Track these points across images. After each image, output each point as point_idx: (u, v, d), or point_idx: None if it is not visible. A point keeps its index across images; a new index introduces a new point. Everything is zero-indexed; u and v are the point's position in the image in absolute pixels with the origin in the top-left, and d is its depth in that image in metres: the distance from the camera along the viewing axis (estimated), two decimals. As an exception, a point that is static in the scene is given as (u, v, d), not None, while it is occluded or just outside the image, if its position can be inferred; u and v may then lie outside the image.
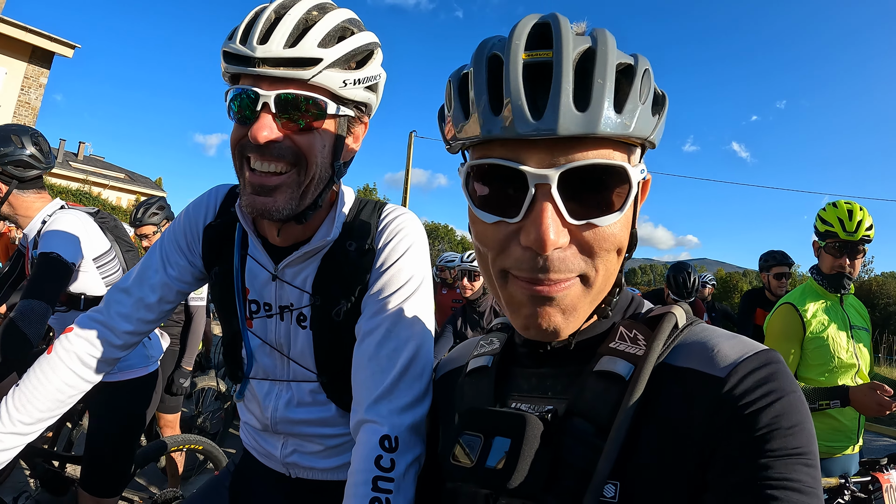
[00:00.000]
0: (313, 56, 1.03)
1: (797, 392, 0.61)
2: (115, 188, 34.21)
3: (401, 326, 1.13)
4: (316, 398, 1.27)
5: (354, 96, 1.11)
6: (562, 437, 0.66)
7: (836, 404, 2.32)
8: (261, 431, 1.36)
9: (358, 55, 1.11)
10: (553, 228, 0.61)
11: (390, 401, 1.07)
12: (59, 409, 1.29)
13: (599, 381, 0.68)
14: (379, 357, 1.11)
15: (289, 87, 1.04)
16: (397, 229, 1.22)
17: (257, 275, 1.26)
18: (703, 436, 0.61)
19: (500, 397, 0.80)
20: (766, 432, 0.58)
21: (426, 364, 1.12)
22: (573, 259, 0.65)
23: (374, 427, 1.05)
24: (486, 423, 0.70)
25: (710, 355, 0.66)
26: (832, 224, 2.56)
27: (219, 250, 1.30)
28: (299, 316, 1.23)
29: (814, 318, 2.57)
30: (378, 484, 0.99)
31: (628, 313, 0.78)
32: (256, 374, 1.32)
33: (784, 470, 0.56)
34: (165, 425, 3.86)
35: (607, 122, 0.60)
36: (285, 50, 1.01)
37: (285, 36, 1.02)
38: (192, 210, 1.36)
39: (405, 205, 19.60)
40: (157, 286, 1.34)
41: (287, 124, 1.05)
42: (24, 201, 2.35)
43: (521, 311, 0.68)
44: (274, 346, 1.27)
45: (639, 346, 0.69)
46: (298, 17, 1.04)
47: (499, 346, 0.85)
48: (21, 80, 15.75)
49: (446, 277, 6.18)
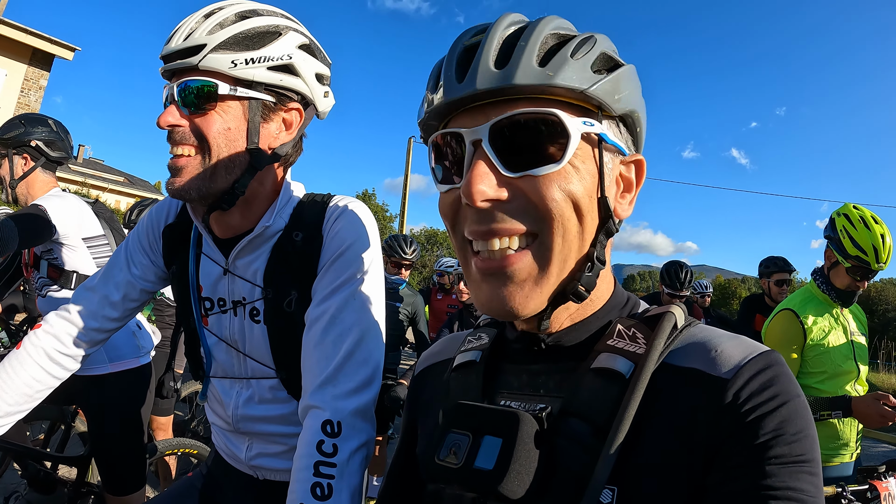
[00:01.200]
0: (199, 43, 1.09)
1: (801, 396, 0.59)
2: (114, 191, 34.15)
3: (346, 312, 1.13)
4: (276, 395, 1.27)
5: (254, 76, 1.13)
6: (556, 438, 0.62)
7: (837, 415, 2.28)
8: (226, 432, 1.36)
9: (254, 36, 1.13)
10: (484, 180, 0.63)
11: (334, 386, 1.07)
12: (28, 403, 1.32)
13: (597, 378, 0.65)
14: (324, 343, 1.11)
15: (186, 75, 1.10)
16: (345, 217, 1.22)
17: (210, 271, 1.27)
18: (705, 439, 0.58)
19: (489, 394, 0.76)
20: (769, 438, 0.56)
21: (372, 350, 1.13)
22: (516, 213, 0.64)
23: (317, 412, 1.06)
24: (476, 420, 0.65)
25: (713, 356, 0.63)
26: (866, 251, 2.39)
27: (176, 250, 1.34)
28: (252, 310, 1.24)
29: (815, 325, 2.52)
30: (320, 469, 0.99)
31: (625, 312, 0.75)
32: (216, 372, 1.33)
33: (787, 478, 0.54)
34: (158, 428, 3.83)
35: (525, 73, 0.62)
36: (181, 43, 1.09)
37: (184, 32, 1.09)
38: (154, 212, 1.40)
39: (404, 210, 19.71)
40: (121, 284, 1.38)
41: (189, 111, 1.11)
42: (40, 181, 2.50)
43: (479, 288, 0.68)
44: (229, 342, 1.28)
45: (638, 344, 0.66)
46: (200, 14, 1.11)
47: (488, 340, 0.82)
48: (21, 82, 15.75)
49: (444, 283, 6.19)
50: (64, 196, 2.45)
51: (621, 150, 0.70)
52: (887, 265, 2.41)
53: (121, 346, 2.49)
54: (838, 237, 2.48)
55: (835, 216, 2.55)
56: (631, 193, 0.72)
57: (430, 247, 51.35)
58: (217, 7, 1.13)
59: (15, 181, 2.45)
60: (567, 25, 0.69)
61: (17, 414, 1.30)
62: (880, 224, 2.42)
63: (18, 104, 15.56)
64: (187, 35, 1.09)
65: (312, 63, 1.21)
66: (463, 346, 0.85)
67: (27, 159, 2.46)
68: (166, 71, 1.13)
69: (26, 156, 2.46)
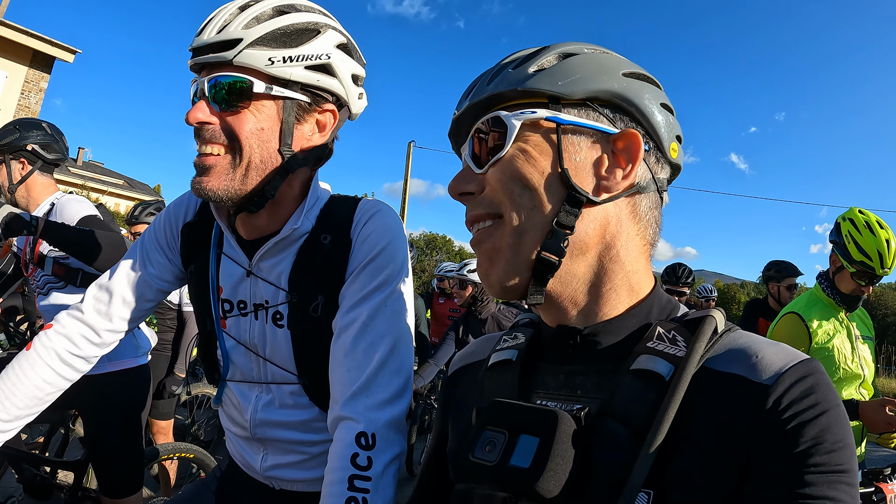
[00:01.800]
0: (235, 37, 1.04)
1: (841, 406, 0.58)
2: (114, 194, 34.19)
3: (378, 320, 1.10)
4: (297, 401, 1.23)
5: (290, 75, 1.08)
6: (593, 439, 0.61)
7: None
8: (241, 440, 1.32)
9: (293, 33, 1.08)
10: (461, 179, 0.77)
11: (367, 396, 1.04)
12: (38, 406, 1.27)
13: (636, 380, 0.64)
14: (355, 352, 1.08)
15: (218, 70, 1.06)
16: (375, 221, 1.18)
17: (232, 272, 1.23)
18: (744, 444, 0.58)
19: (524, 393, 0.75)
20: (809, 446, 0.55)
21: (404, 359, 1.10)
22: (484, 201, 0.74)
23: (350, 424, 1.02)
24: (512, 418, 0.64)
25: (754, 362, 0.62)
26: (871, 257, 2.38)
27: (196, 248, 1.29)
28: (275, 314, 1.20)
29: (819, 328, 2.50)
30: (354, 483, 0.96)
31: (664, 314, 0.74)
32: (233, 376, 1.29)
33: (825, 488, 0.53)
34: (158, 432, 3.81)
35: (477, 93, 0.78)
36: (215, 36, 1.04)
37: (217, 24, 1.05)
38: (172, 208, 1.35)
39: (404, 215, 19.65)
40: (136, 284, 1.33)
41: (220, 108, 1.07)
42: (39, 184, 2.52)
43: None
44: (248, 346, 1.24)
45: (678, 346, 0.65)
46: (235, 6, 1.07)
47: (524, 340, 0.81)
48: (21, 83, 15.73)
49: (445, 287, 6.20)
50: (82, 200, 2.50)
51: (598, 129, 0.72)
52: (892, 270, 2.39)
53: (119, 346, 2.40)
54: (843, 242, 2.47)
55: (840, 221, 2.54)
56: (625, 168, 0.72)
57: (429, 251, 51.36)
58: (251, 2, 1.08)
59: (14, 186, 2.46)
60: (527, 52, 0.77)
61: (27, 417, 1.26)
62: (886, 229, 2.41)
63: (19, 106, 15.54)
64: (221, 27, 1.04)
65: (349, 63, 1.17)
66: (498, 346, 0.84)
67: (24, 164, 2.48)
68: (196, 64, 1.08)
69: (23, 160, 2.47)
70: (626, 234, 0.73)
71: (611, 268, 0.72)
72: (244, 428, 1.28)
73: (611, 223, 0.72)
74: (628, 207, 0.73)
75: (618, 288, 0.72)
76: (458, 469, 0.66)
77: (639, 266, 0.74)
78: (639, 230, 0.74)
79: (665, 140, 0.75)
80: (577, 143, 0.72)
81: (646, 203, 0.75)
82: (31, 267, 2.53)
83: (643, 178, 0.73)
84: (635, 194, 0.74)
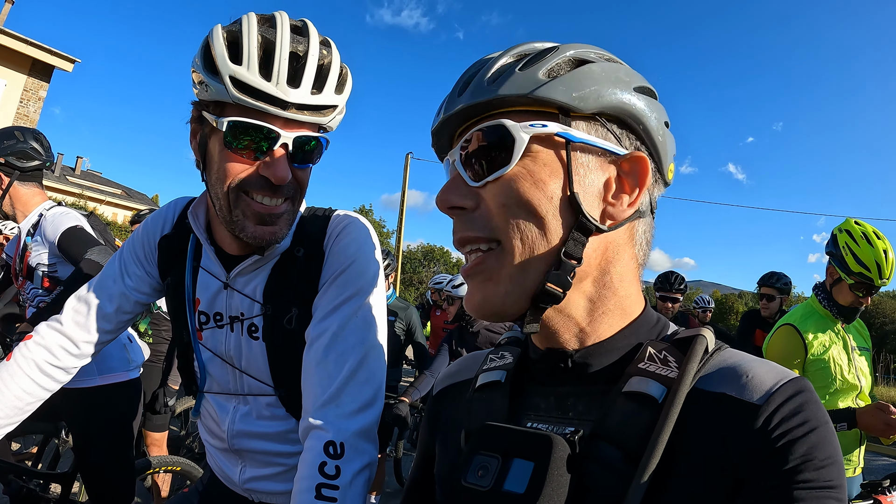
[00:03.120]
0: (333, 103, 1.09)
1: (829, 423, 0.59)
2: (112, 204, 34.15)
3: (349, 330, 1.10)
4: (274, 412, 1.24)
5: (336, 123, 1.16)
6: (586, 463, 0.61)
7: (842, 427, 2.28)
8: (220, 452, 1.33)
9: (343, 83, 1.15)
10: (451, 190, 0.70)
11: (337, 406, 1.04)
12: (18, 416, 1.28)
13: (629, 402, 0.63)
14: (326, 362, 1.08)
15: (305, 129, 1.07)
16: (347, 233, 1.19)
17: (209, 284, 1.24)
18: (736, 464, 0.58)
19: (515, 416, 0.74)
20: (799, 463, 0.55)
21: (375, 369, 1.10)
22: (479, 220, 0.68)
23: (319, 433, 1.03)
24: (505, 442, 0.64)
25: (745, 381, 0.62)
26: (869, 268, 2.37)
27: (173, 261, 1.30)
28: (251, 327, 1.21)
29: (815, 339, 2.50)
30: (322, 492, 0.97)
31: (654, 333, 0.73)
32: (211, 387, 1.30)
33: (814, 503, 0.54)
34: (153, 444, 3.78)
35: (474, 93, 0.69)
36: (313, 96, 1.05)
37: (311, 81, 1.05)
38: (150, 222, 1.36)
39: (401, 226, 19.75)
40: (114, 296, 1.34)
41: (294, 163, 1.09)
42: (23, 194, 2.46)
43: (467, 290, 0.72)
44: (225, 358, 1.25)
45: (670, 367, 0.65)
46: (316, 58, 1.06)
47: (512, 360, 0.79)
48: (20, 92, 15.78)
49: (437, 299, 6.20)
50: (70, 212, 2.45)
51: (607, 149, 0.68)
52: (890, 281, 2.39)
53: (111, 359, 2.45)
54: (841, 254, 2.46)
55: (836, 232, 2.53)
56: (631, 195, 0.69)
57: (427, 263, 51.28)
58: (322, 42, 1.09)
59: None
60: (540, 47, 0.70)
61: (8, 426, 1.27)
62: (882, 240, 2.41)
63: (17, 115, 15.57)
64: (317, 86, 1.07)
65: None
66: (485, 366, 0.83)
67: (1, 177, 2.43)
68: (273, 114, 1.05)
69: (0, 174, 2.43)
70: (623, 259, 0.71)
71: (605, 293, 0.71)
72: (222, 440, 1.29)
73: (608, 249, 0.70)
74: (627, 233, 0.72)
75: (610, 312, 0.71)
76: (450, 494, 0.65)
77: (631, 290, 0.73)
78: (633, 254, 0.73)
79: (665, 162, 0.73)
80: (586, 164, 0.68)
81: (643, 227, 0.74)
82: (21, 279, 2.52)
83: (645, 203, 0.71)
84: (636, 220, 0.72)
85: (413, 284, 46.83)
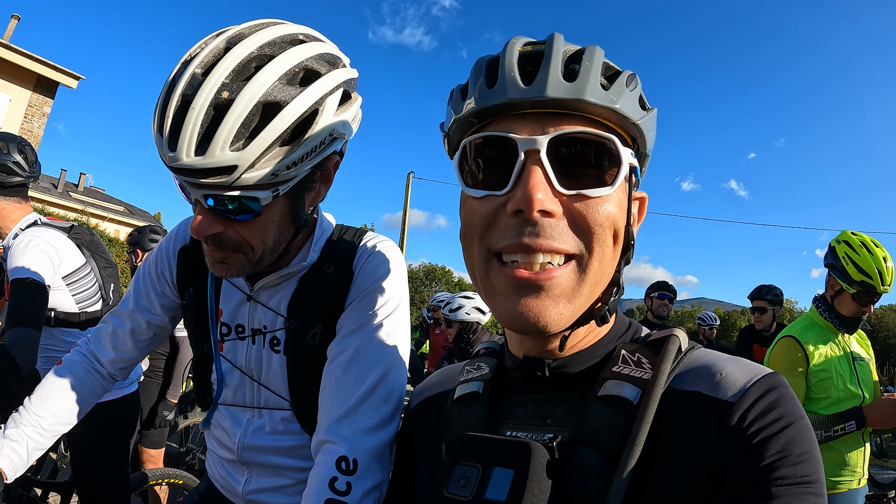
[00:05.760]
0: (224, 165, 0.89)
1: (805, 419, 0.59)
2: (114, 220, 34.21)
3: (371, 348, 1.09)
4: (288, 427, 1.22)
5: (298, 175, 1.00)
6: (566, 468, 0.61)
7: (851, 426, 2.27)
8: (225, 462, 1.31)
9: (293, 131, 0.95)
10: (541, 189, 0.61)
11: (353, 421, 1.02)
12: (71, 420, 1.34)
13: (605, 406, 0.64)
14: (345, 377, 1.07)
15: (214, 188, 0.94)
16: (377, 254, 1.19)
17: (231, 295, 1.24)
18: (712, 462, 0.58)
19: (494, 425, 0.74)
20: (775, 460, 0.56)
21: (395, 388, 1.08)
22: (565, 232, 0.63)
23: (331, 448, 1.00)
24: (485, 452, 0.64)
25: (718, 379, 0.63)
26: (871, 276, 2.39)
27: (194, 272, 1.29)
28: (272, 340, 1.20)
29: (816, 350, 2.50)
30: None
31: (628, 337, 0.75)
32: (226, 399, 1.28)
33: (792, 499, 0.54)
34: (148, 460, 3.74)
35: (594, 92, 0.63)
36: (196, 159, 0.89)
37: (193, 138, 0.88)
38: (166, 240, 1.37)
39: (403, 246, 19.65)
40: (129, 316, 1.37)
41: (227, 218, 1.00)
42: (5, 209, 2.28)
43: (509, 300, 0.64)
44: (244, 370, 1.24)
45: (644, 369, 0.66)
46: (204, 106, 0.88)
47: (489, 371, 0.80)
48: (25, 107, 15.94)
49: (438, 317, 6.20)
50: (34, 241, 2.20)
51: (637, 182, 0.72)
52: (891, 287, 2.41)
53: None
54: (841, 264, 2.48)
55: (834, 244, 2.56)
56: (635, 226, 0.73)
57: (428, 282, 51.09)
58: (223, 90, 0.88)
59: None
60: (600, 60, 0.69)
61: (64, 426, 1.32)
62: (881, 248, 2.45)
63: (21, 130, 15.71)
64: (200, 142, 0.89)
65: (350, 111, 1.07)
66: (462, 377, 0.83)
67: None
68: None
69: None
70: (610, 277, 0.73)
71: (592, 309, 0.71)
72: (231, 451, 1.27)
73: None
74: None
75: (591, 324, 0.72)
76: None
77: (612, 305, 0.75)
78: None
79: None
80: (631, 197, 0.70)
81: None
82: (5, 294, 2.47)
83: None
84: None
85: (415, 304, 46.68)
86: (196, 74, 0.89)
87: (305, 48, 0.97)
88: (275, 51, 0.93)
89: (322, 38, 1.06)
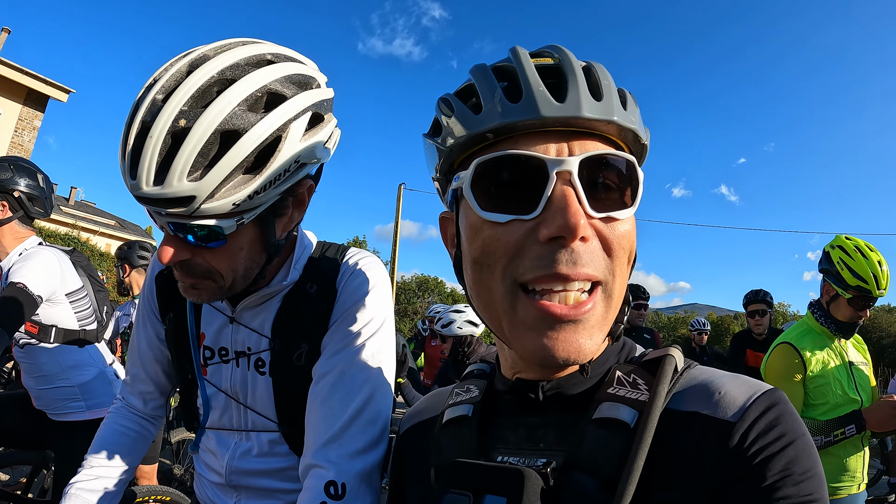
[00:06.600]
0: (182, 195, 0.86)
1: (807, 435, 0.58)
2: (105, 234, 34.02)
3: (356, 369, 1.07)
4: (276, 449, 1.20)
5: (263, 202, 0.96)
6: (561, 494, 0.58)
7: (851, 430, 2.26)
8: (214, 486, 1.29)
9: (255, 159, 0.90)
10: (582, 215, 0.57)
11: (340, 445, 1.00)
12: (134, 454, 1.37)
13: (600, 429, 0.61)
14: (331, 399, 1.05)
15: (176, 217, 0.92)
16: (359, 272, 1.17)
17: (213, 319, 1.22)
18: (713, 484, 0.56)
19: (484, 450, 0.72)
20: (777, 479, 0.54)
21: (381, 409, 1.07)
22: (597, 257, 0.60)
23: (320, 472, 0.99)
24: (476, 479, 0.62)
25: (717, 399, 0.61)
26: (866, 280, 2.39)
27: (172, 297, 1.26)
28: (257, 361, 1.18)
29: (813, 356, 2.50)
30: None
31: (622, 357, 0.73)
32: (213, 423, 1.26)
33: None
34: (142, 476, 3.70)
35: (619, 112, 0.62)
36: (154, 188, 0.86)
37: (150, 170, 0.85)
38: (150, 266, 1.36)
39: (394, 257, 19.63)
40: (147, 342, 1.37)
41: (191, 245, 0.97)
42: (13, 232, 2.38)
43: (540, 334, 0.60)
44: (230, 394, 1.21)
45: (640, 390, 0.63)
46: (162, 134, 0.84)
47: (478, 393, 0.77)
48: (15, 121, 15.88)
49: (433, 329, 6.15)
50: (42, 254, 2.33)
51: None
52: (887, 291, 2.41)
53: (99, 395, 2.51)
54: (836, 270, 2.48)
55: (829, 249, 2.55)
56: None
57: (421, 293, 50.90)
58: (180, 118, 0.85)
59: None
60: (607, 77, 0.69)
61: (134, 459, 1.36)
62: (875, 251, 2.44)
63: (12, 144, 15.63)
64: (158, 171, 0.86)
65: (321, 133, 1.01)
66: (451, 400, 0.80)
67: (5, 207, 2.34)
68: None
69: (5, 203, 2.34)
70: None
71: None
72: (220, 474, 1.25)
73: None
74: None
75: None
76: None
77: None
78: None
79: None
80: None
81: None
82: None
83: None
84: None
85: (408, 315, 46.46)
86: (156, 100, 0.86)
87: (271, 70, 0.93)
88: (237, 74, 0.89)
89: (296, 56, 1.02)
